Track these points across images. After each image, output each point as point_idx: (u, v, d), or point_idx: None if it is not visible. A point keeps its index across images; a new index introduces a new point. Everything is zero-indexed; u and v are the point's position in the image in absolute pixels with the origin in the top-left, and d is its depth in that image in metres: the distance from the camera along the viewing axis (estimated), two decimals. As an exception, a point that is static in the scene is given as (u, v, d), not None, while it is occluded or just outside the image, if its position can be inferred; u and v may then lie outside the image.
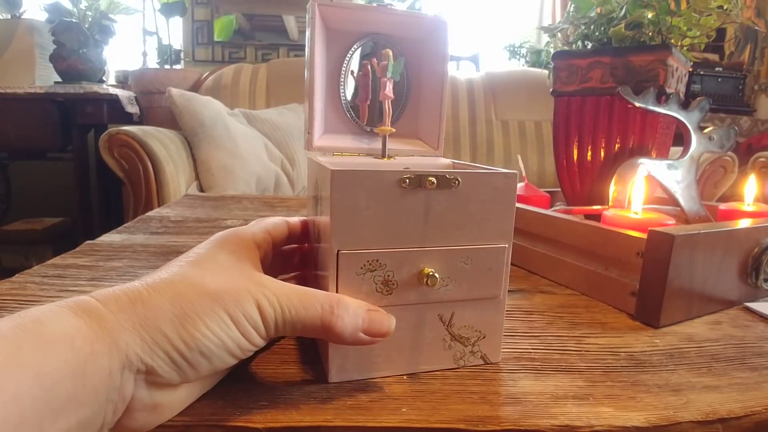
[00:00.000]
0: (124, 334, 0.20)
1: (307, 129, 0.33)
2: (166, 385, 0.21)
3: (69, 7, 1.72)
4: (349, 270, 0.26)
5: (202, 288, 0.22)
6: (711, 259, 0.38)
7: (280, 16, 2.21)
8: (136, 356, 0.20)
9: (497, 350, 0.30)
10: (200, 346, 0.21)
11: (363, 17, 0.33)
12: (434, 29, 0.33)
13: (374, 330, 0.25)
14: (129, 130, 1.39)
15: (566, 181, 0.64)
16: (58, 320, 0.19)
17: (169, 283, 0.22)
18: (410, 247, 0.26)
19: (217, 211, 0.79)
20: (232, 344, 0.22)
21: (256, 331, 0.23)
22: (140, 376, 0.20)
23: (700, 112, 0.53)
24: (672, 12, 0.57)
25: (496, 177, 0.27)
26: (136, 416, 0.21)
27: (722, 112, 2.17)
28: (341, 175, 0.25)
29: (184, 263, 0.24)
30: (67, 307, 0.19)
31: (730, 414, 0.25)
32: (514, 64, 2.21)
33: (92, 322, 0.19)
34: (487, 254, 0.28)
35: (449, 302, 0.28)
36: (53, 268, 0.44)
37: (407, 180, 0.25)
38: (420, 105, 0.35)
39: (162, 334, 0.20)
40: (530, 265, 0.50)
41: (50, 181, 2.13)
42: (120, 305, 0.20)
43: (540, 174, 1.90)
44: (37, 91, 1.64)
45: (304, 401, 0.25)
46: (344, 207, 0.25)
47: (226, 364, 0.23)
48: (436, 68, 0.34)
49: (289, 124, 1.73)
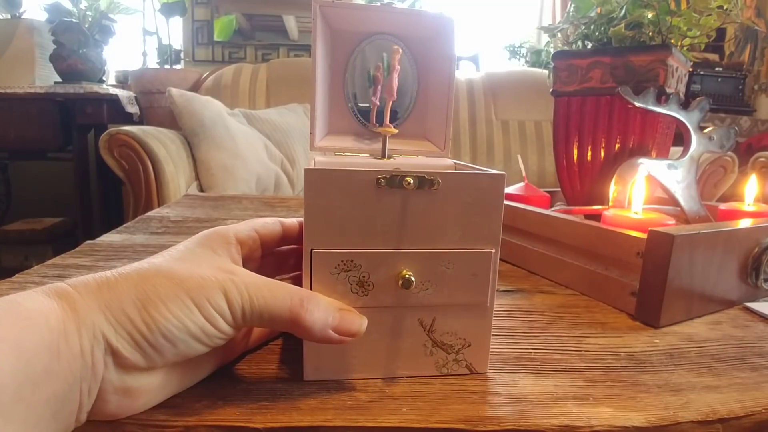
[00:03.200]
0: (91, 313, 0.20)
1: (311, 129, 0.33)
2: (133, 368, 0.21)
3: (69, 7, 1.72)
4: (323, 269, 0.26)
5: (167, 273, 0.23)
6: (711, 259, 0.38)
7: (280, 16, 2.21)
8: (102, 336, 0.20)
9: (484, 360, 0.29)
10: (162, 329, 0.21)
11: (367, 17, 0.33)
12: (440, 28, 0.32)
13: (344, 329, 0.25)
14: (129, 130, 1.39)
15: (566, 181, 0.64)
16: (33, 300, 0.20)
17: (137, 270, 0.23)
18: (386, 249, 0.26)
19: (217, 211, 0.79)
20: (195, 329, 0.22)
21: (222, 317, 0.23)
22: (108, 358, 0.21)
23: (700, 112, 0.53)
24: (672, 12, 0.57)
25: (481, 178, 0.26)
26: (108, 399, 0.21)
27: (722, 112, 2.17)
28: (314, 174, 0.25)
29: (159, 256, 0.25)
30: (41, 291, 0.21)
31: (730, 414, 0.25)
32: (514, 64, 2.22)
33: (63, 303, 0.20)
34: (472, 259, 0.27)
35: (430, 307, 0.27)
36: (53, 268, 0.44)
37: (382, 180, 0.25)
38: (428, 105, 0.35)
39: (125, 316, 0.21)
40: (530, 265, 0.50)
41: (50, 181, 2.13)
42: (88, 289, 0.21)
43: (540, 174, 1.90)
44: (37, 91, 1.64)
45: (304, 401, 0.25)
46: (317, 206, 0.25)
47: (193, 350, 0.23)
48: (443, 68, 0.33)
49: (289, 124, 1.73)
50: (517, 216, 0.52)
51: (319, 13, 0.31)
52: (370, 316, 0.26)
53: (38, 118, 1.66)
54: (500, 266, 0.52)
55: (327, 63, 0.33)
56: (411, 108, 0.35)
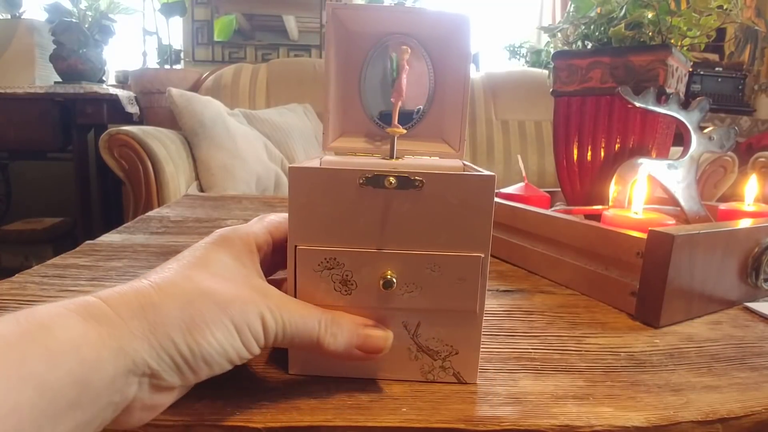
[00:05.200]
0: (134, 341, 0.20)
1: (323, 130, 0.33)
2: (167, 388, 0.21)
3: (69, 7, 1.72)
4: (307, 266, 0.26)
5: (211, 296, 0.23)
6: (711, 259, 0.38)
7: (280, 16, 2.21)
8: (143, 361, 0.20)
9: (473, 369, 0.27)
10: (204, 353, 0.21)
11: (382, 17, 0.32)
12: (456, 26, 0.32)
13: (370, 346, 0.25)
14: (129, 130, 1.39)
15: (566, 181, 0.64)
16: (65, 327, 0.19)
17: (179, 288, 0.22)
18: (369, 249, 0.26)
19: (217, 211, 0.79)
20: (233, 352, 0.22)
21: (256, 341, 0.23)
22: (144, 379, 0.20)
23: (700, 112, 0.53)
24: (672, 12, 0.57)
25: (468, 179, 0.25)
26: (133, 414, 0.21)
27: (722, 112, 2.17)
28: (298, 172, 0.25)
29: (190, 264, 0.24)
30: (75, 311, 0.19)
31: (730, 414, 0.25)
32: (514, 64, 2.22)
33: (100, 328, 0.19)
34: (459, 263, 0.26)
35: (415, 310, 0.27)
36: (53, 268, 0.44)
37: (364, 179, 0.25)
38: (444, 105, 0.34)
39: (170, 340, 0.21)
40: (530, 265, 0.50)
41: (50, 181, 2.13)
42: (131, 311, 0.20)
43: (540, 174, 1.90)
44: (37, 91, 1.64)
45: (304, 401, 0.25)
46: (301, 203, 0.25)
47: (223, 370, 0.23)
48: (459, 66, 0.32)
49: (289, 124, 1.73)
50: (517, 216, 0.51)
51: (333, 15, 0.31)
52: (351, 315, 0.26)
53: (38, 118, 1.66)
54: (500, 266, 0.52)
55: (341, 64, 0.33)
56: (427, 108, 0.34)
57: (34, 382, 0.16)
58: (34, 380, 0.17)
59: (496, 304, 0.40)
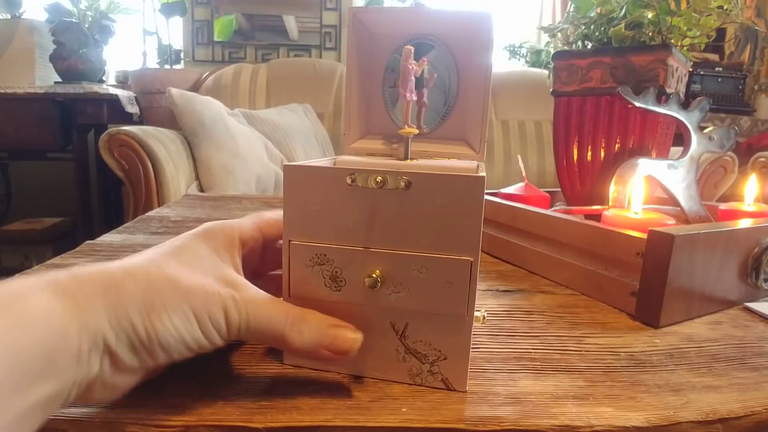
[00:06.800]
0: (95, 317, 0.20)
1: (344, 130, 0.33)
2: (127, 370, 0.22)
3: (69, 7, 1.72)
4: (299, 260, 0.27)
5: (175, 282, 0.23)
6: (711, 259, 0.38)
7: (280, 16, 2.21)
8: (103, 339, 0.20)
9: (462, 377, 0.27)
10: (160, 338, 0.22)
11: (403, 19, 0.32)
12: (479, 26, 0.31)
13: (336, 347, 0.25)
14: (129, 130, 1.39)
15: (566, 181, 0.64)
16: (37, 298, 0.19)
17: (144, 272, 0.23)
18: (357, 246, 0.26)
19: (217, 211, 0.79)
20: (190, 340, 0.23)
21: (217, 332, 0.24)
22: (105, 359, 0.21)
23: (700, 112, 0.53)
24: (672, 12, 0.57)
25: (457, 181, 0.24)
26: (94, 392, 0.21)
27: (722, 112, 2.17)
28: (293, 169, 0.26)
29: (163, 251, 0.25)
30: (46, 286, 0.20)
31: (730, 414, 0.25)
32: (514, 64, 2.21)
33: (68, 302, 0.20)
34: (447, 266, 0.25)
35: (402, 311, 0.27)
36: (53, 268, 0.44)
37: (352, 178, 0.25)
38: (468, 106, 0.33)
39: (128, 321, 0.21)
40: (530, 265, 0.50)
41: (50, 181, 2.13)
42: (96, 290, 0.21)
43: (540, 174, 1.90)
44: (37, 91, 1.64)
45: (304, 401, 0.25)
46: (294, 200, 0.26)
47: (183, 357, 0.23)
48: (481, 66, 0.32)
49: (289, 124, 1.73)
50: (517, 216, 0.51)
51: (354, 18, 0.31)
52: (343, 312, 0.26)
53: (38, 118, 1.66)
54: (500, 266, 0.52)
55: (364, 66, 0.33)
56: (450, 110, 0.34)
57: (6, 346, 0.17)
58: (6, 345, 0.17)
59: (496, 304, 0.40)
